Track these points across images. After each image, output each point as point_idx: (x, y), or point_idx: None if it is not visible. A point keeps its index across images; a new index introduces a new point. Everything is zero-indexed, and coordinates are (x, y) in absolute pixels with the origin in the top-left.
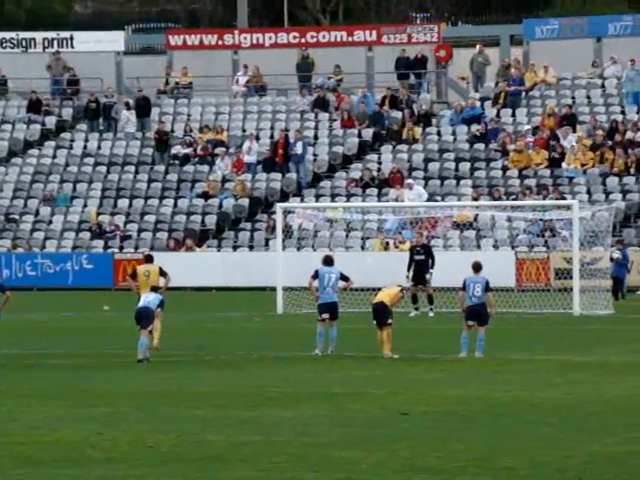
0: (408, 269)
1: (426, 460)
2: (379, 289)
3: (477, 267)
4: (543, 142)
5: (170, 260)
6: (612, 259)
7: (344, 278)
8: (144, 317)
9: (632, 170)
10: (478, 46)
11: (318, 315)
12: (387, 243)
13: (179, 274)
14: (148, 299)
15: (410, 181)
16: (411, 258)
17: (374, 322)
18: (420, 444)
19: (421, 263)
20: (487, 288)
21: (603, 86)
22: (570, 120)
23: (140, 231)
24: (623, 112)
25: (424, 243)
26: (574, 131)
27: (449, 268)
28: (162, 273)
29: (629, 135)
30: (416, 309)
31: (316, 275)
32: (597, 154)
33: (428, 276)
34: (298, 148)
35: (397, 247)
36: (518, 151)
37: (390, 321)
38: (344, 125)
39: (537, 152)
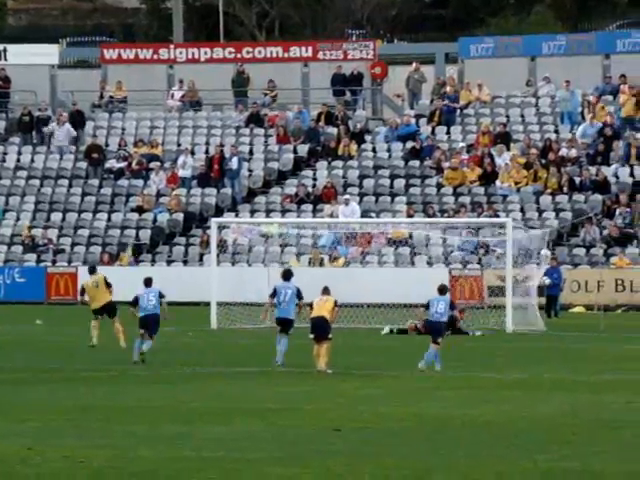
0: None
1: (359, 477)
2: (310, 303)
3: (442, 290)
4: (477, 160)
5: (104, 274)
6: (542, 285)
7: (299, 296)
8: (153, 324)
9: (565, 189)
10: (414, 64)
11: (278, 328)
12: (322, 259)
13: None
14: (152, 303)
15: (347, 197)
16: None
17: (311, 336)
18: (353, 460)
19: None
20: (452, 306)
21: (537, 105)
22: (504, 138)
23: (73, 245)
24: (557, 131)
25: None
26: (508, 149)
27: (384, 284)
28: (107, 284)
29: (562, 154)
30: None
31: (274, 292)
32: (531, 172)
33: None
34: (233, 163)
35: (330, 262)
36: (452, 169)
37: (330, 336)
38: (279, 141)
39: (471, 170)
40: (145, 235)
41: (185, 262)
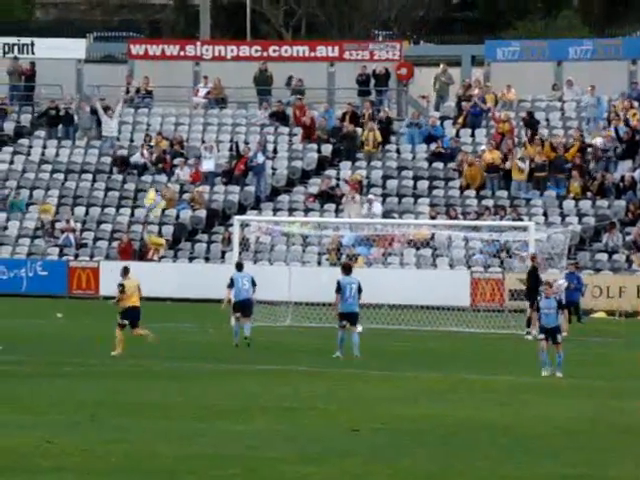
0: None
1: (376, 477)
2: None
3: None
4: (498, 139)
5: None
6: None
7: (361, 289)
8: (247, 307)
9: (589, 194)
10: (442, 65)
11: (339, 322)
12: (339, 258)
13: None
14: (245, 287)
15: (371, 197)
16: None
17: (125, 322)
18: (370, 461)
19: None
20: (560, 306)
21: (562, 109)
22: (529, 123)
23: (96, 240)
24: (582, 136)
25: (535, 266)
26: (533, 133)
27: (405, 286)
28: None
29: (589, 142)
30: (528, 333)
31: (339, 287)
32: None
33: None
34: (259, 158)
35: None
36: (469, 164)
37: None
38: (304, 140)
39: (489, 151)
40: (168, 231)
41: (207, 259)
